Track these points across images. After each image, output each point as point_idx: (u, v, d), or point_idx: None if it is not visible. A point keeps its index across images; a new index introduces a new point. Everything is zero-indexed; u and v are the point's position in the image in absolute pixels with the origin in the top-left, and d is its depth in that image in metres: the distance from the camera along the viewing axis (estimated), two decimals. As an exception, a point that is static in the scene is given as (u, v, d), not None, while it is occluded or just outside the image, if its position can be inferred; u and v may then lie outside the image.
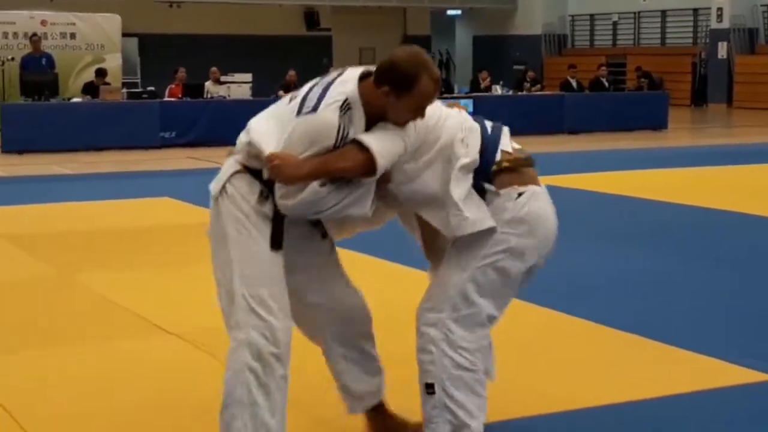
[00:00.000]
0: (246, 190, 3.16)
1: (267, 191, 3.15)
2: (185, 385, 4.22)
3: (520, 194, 3.27)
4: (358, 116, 3.09)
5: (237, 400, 3.14)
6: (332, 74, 3.22)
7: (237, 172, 3.19)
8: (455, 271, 3.25)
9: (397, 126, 3.14)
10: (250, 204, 3.15)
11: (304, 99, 3.14)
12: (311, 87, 3.19)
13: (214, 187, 3.23)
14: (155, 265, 6.68)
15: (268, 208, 3.16)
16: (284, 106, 3.25)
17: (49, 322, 5.26)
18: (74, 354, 4.67)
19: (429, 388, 3.27)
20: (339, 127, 3.04)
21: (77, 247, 7.30)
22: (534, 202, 3.32)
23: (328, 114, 3.05)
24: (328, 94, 3.09)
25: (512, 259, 3.24)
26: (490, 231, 3.20)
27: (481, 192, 3.23)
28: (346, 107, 3.06)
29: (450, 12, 30.30)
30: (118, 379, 4.28)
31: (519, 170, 3.29)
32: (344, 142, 3.07)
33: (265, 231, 3.16)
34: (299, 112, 3.11)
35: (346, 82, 3.13)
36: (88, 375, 4.35)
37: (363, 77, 3.14)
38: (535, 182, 3.35)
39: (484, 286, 3.23)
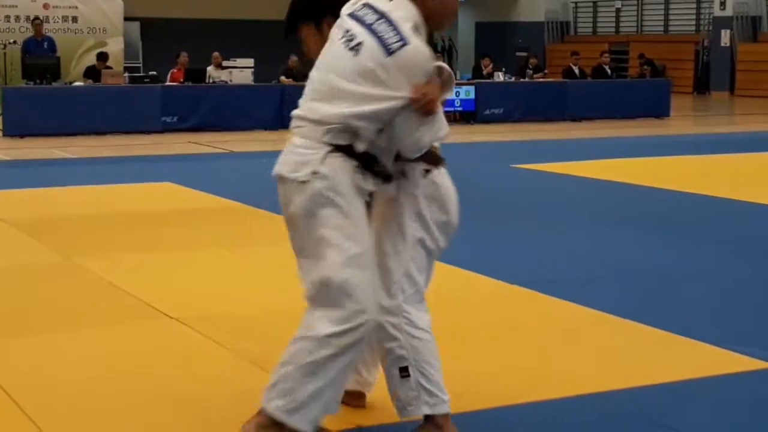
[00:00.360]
0: (344, 168, 3.13)
1: (362, 166, 3.15)
2: (185, 369, 4.22)
3: (427, 171, 3.35)
4: (424, 35, 3.15)
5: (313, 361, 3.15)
6: (373, 7, 3.14)
7: (329, 152, 3.13)
8: (393, 257, 3.31)
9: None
10: (349, 183, 3.14)
11: (379, 38, 3.06)
12: (367, 24, 3.10)
13: (296, 170, 3.18)
14: (157, 250, 6.68)
15: (365, 184, 3.18)
16: (342, 64, 3.11)
17: (50, 306, 5.27)
18: (76, 338, 4.67)
19: (403, 372, 3.32)
20: None
21: (79, 231, 7.31)
22: (443, 178, 3.43)
23: (417, 41, 3.07)
24: (398, 23, 3.08)
25: (431, 237, 3.36)
26: (416, 215, 3.32)
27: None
28: (416, 30, 3.11)
29: (453, -2, 30.20)
30: (120, 364, 4.29)
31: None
32: None
33: (362, 209, 3.19)
34: (388, 51, 3.04)
35: (401, 7, 3.12)
36: (90, 359, 4.36)
37: None
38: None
39: (419, 263, 3.34)
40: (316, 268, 3.18)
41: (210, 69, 16.39)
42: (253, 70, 16.75)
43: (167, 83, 16.05)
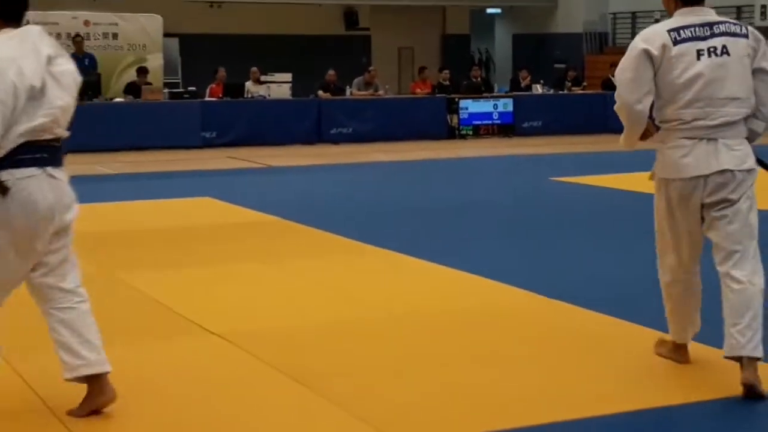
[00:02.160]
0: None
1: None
2: (228, 386, 4.21)
3: None
4: None
5: None
6: (701, 15, 4.06)
7: None
8: None
9: None
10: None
11: (735, 37, 4.07)
12: (709, 25, 4.03)
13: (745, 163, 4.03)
14: (197, 265, 6.70)
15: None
16: (707, 61, 3.99)
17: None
18: (116, 352, 4.67)
19: None
20: None
21: (120, 247, 7.35)
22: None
23: None
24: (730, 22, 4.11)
25: None
26: None
27: None
28: None
29: (490, 10, 30.16)
30: (159, 379, 4.29)
31: None
32: None
33: None
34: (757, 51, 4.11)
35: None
36: (129, 373, 4.36)
37: None
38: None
39: None
40: None
41: (248, 84, 16.48)
42: (290, 84, 16.81)
43: (206, 99, 16.16)
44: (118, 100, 15.88)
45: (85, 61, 16.74)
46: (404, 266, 6.65)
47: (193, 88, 16.50)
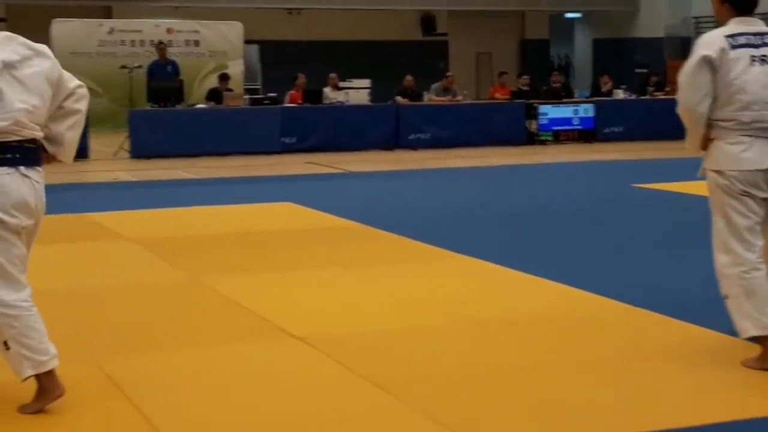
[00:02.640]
0: None
1: None
2: (309, 389, 4.23)
3: None
4: None
5: None
6: (754, 26, 4.42)
7: None
8: None
9: None
10: None
11: None
12: (760, 35, 4.39)
13: None
14: (278, 269, 6.75)
15: None
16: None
17: (176, 323, 5.37)
18: (202, 355, 4.74)
19: None
20: None
21: (202, 251, 7.45)
22: None
23: None
24: None
25: None
26: None
27: None
28: None
29: (569, 15, 29.87)
30: (242, 381, 4.33)
31: None
32: None
33: None
34: None
35: None
36: (216, 376, 4.41)
37: None
38: None
39: None
40: None
41: (327, 90, 16.59)
42: (369, 90, 16.87)
43: (286, 105, 16.32)
44: (199, 106, 16.13)
45: (168, 68, 17.06)
46: (484, 273, 6.60)
47: (273, 94, 16.68)
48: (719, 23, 4.57)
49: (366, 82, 17.08)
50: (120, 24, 21.00)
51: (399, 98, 16.91)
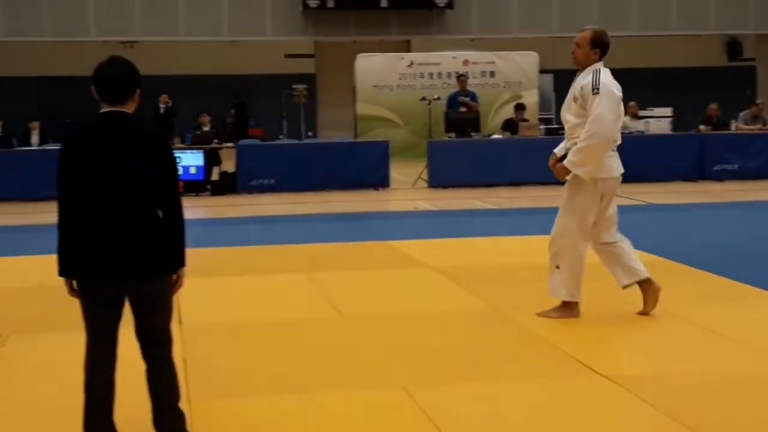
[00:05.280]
0: None
1: None
2: (614, 429, 4.05)
3: None
4: None
5: None
6: None
7: None
8: None
9: None
10: None
11: None
12: None
13: None
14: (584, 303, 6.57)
15: None
16: None
17: (480, 355, 5.35)
18: (504, 387, 4.69)
19: None
20: None
21: (500, 280, 7.42)
22: None
23: None
24: None
25: None
26: None
27: None
28: None
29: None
30: (546, 418, 4.23)
31: None
32: None
33: None
34: None
35: None
36: (519, 408, 4.34)
37: None
38: None
39: None
40: None
41: (626, 119, 16.14)
42: (670, 119, 16.28)
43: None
44: (495, 136, 16.25)
45: (468, 98, 17.35)
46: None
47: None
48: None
49: (667, 111, 16.50)
50: (419, 57, 21.68)
51: (702, 127, 16.18)
